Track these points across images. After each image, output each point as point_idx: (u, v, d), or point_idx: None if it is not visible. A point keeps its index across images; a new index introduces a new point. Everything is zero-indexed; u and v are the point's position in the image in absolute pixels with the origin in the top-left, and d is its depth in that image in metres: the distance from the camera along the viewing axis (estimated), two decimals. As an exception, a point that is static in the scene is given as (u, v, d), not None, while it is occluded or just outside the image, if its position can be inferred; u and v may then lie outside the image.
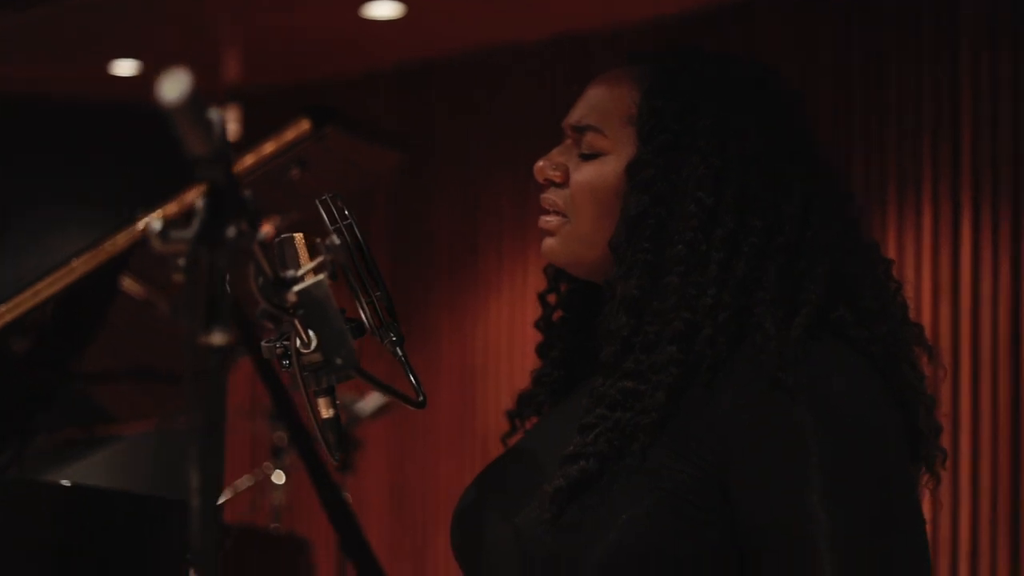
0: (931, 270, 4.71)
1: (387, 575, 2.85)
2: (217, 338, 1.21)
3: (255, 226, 1.32)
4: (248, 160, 2.74)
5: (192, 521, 1.21)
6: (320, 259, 1.54)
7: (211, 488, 1.21)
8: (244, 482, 4.31)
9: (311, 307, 1.53)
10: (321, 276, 1.53)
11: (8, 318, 2.71)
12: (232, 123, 7.06)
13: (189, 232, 1.22)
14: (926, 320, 4.71)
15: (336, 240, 1.57)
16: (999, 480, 4.54)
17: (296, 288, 1.52)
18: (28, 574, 2.20)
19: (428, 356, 6.08)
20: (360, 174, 3.45)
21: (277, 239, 1.63)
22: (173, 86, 1.14)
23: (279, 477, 4.69)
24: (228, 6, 5.64)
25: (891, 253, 4.79)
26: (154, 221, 1.25)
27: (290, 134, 2.73)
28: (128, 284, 2.96)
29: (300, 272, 1.54)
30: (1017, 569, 4.53)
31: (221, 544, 3.83)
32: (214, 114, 1.20)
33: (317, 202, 1.75)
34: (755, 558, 1.53)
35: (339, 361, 1.53)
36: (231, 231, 1.23)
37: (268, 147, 2.73)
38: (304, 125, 2.71)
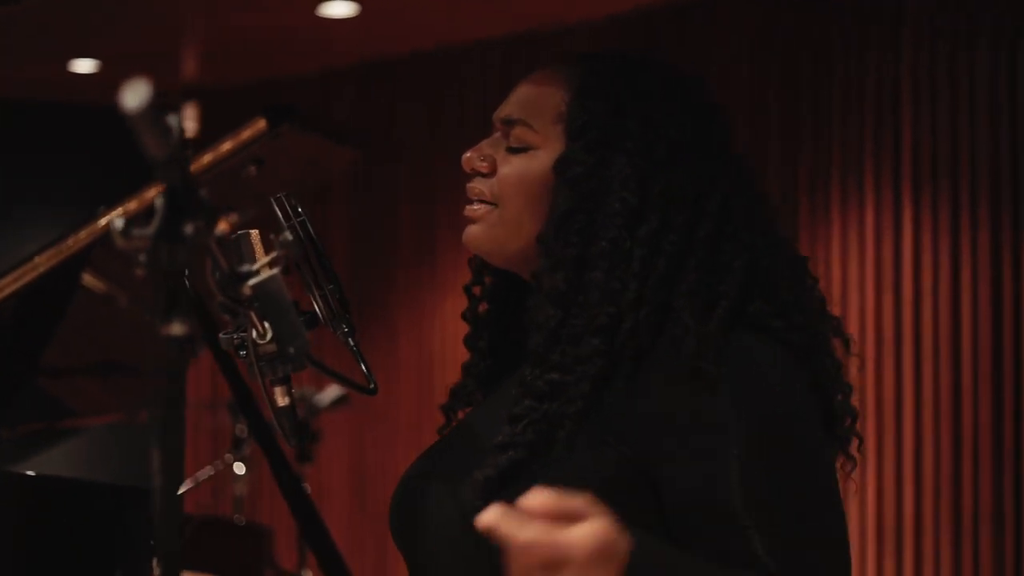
0: (874, 263, 4.84)
1: (346, 563, 2.90)
2: (177, 329, 1.28)
3: (211, 223, 1.40)
4: (206, 158, 2.76)
5: (155, 509, 1.28)
6: (274, 254, 1.63)
7: (173, 476, 1.28)
8: (205, 472, 4.37)
9: (265, 300, 1.60)
10: (275, 270, 1.62)
11: None
12: (190, 120, 7.10)
13: (149, 230, 1.29)
14: (869, 311, 4.84)
15: (289, 236, 1.65)
16: (941, 462, 4.68)
17: (251, 282, 1.60)
18: None
19: (388, 348, 6.16)
20: (317, 170, 3.49)
21: (234, 235, 1.71)
22: (134, 95, 1.20)
23: (240, 468, 4.74)
24: (187, 5, 5.71)
25: (835, 248, 4.93)
26: (116, 219, 1.31)
27: (247, 133, 2.75)
28: (89, 280, 2.98)
29: (255, 267, 1.62)
30: (959, 545, 4.66)
31: (181, 533, 3.90)
32: (172, 120, 1.26)
33: (272, 200, 1.82)
34: (683, 536, 1.59)
35: (292, 351, 1.60)
36: (189, 228, 1.30)
37: (226, 145, 2.75)
38: (260, 124, 2.73)
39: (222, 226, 1.49)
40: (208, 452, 6.17)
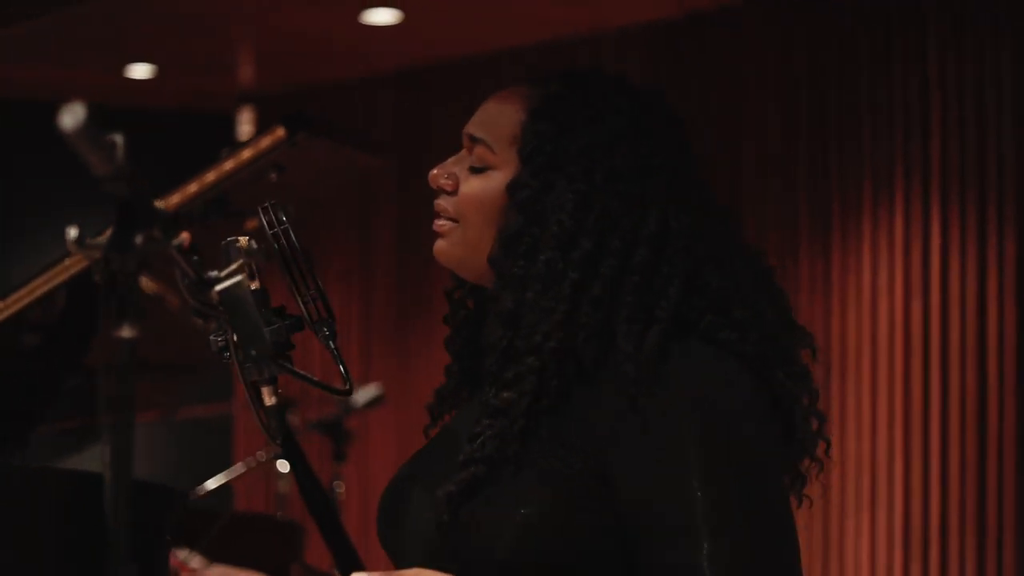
0: (903, 270, 4.88)
1: (360, 559, 2.94)
2: (126, 332, 1.34)
3: (169, 233, 1.48)
4: (228, 165, 2.81)
5: (107, 495, 1.36)
6: (239, 262, 1.72)
7: (124, 469, 1.35)
8: (237, 469, 4.48)
9: (230, 304, 1.69)
10: (239, 277, 1.70)
11: (15, 309, 2.80)
12: (246, 124, 7.23)
13: (102, 239, 1.37)
14: (898, 317, 4.88)
15: (255, 245, 1.75)
16: (967, 467, 4.71)
17: (217, 288, 1.69)
18: (34, 558, 2.24)
19: (431, 352, 6.25)
20: (337, 176, 3.55)
21: (224, 242, 1.77)
22: (69, 117, 1.27)
23: (283, 466, 4.81)
24: (237, 12, 5.82)
25: (866, 255, 4.97)
26: (71, 229, 1.40)
27: (266, 141, 2.79)
28: (150, 286, 3.01)
29: (222, 274, 1.71)
30: (984, 550, 4.68)
31: (210, 529, 3.99)
32: (117, 137, 1.34)
33: (259, 209, 1.86)
34: (633, 545, 1.64)
35: (254, 352, 1.70)
36: (140, 239, 1.37)
37: (246, 153, 2.80)
38: (279, 132, 2.77)
39: (183, 235, 1.59)
40: (253, 451, 6.29)
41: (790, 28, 5.23)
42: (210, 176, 2.76)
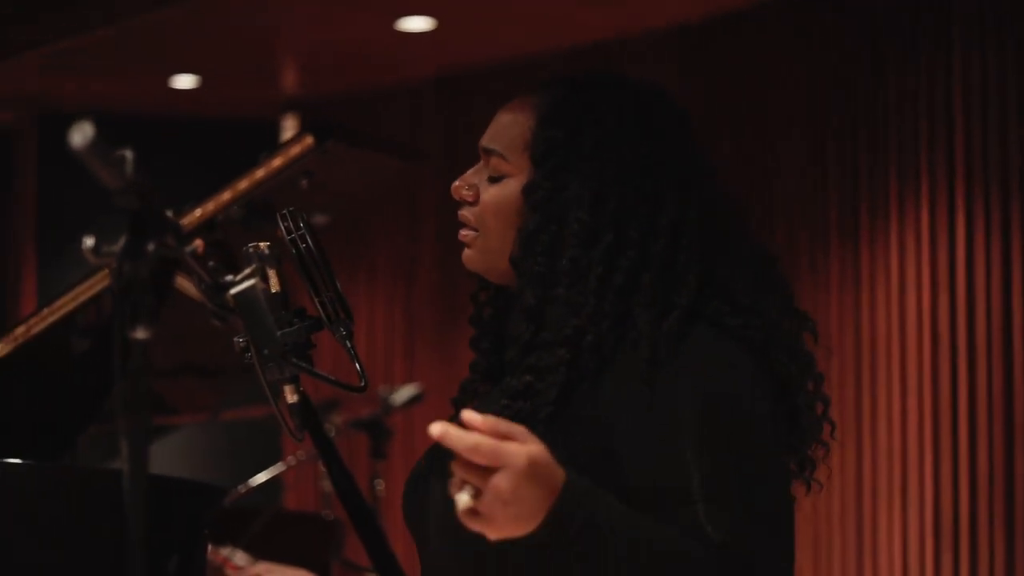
0: (929, 264, 4.93)
1: (393, 553, 3.00)
2: (140, 334, 1.42)
3: (182, 241, 1.58)
4: (259, 173, 2.86)
5: (125, 487, 1.44)
6: (252, 267, 1.82)
7: (140, 466, 1.44)
8: (278, 467, 4.59)
9: (244, 307, 1.80)
10: (252, 280, 1.80)
11: (61, 314, 2.84)
12: (290, 131, 7.34)
13: (116, 248, 1.45)
14: (926, 310, 4.93)
15: (265, 249, 1.85)
16: (995, 459, 4.75)
17: (231, 292, 1.80)
18: (87, 555, 2.19)
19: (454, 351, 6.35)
20: (366, 181, 3.63)
21: (246, 248, 1.84)
22: (78, 135, 1.34)
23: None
24: (279, 24, 5.94)
25: (894, 249, 5.02)
26: (87, 238, 1.48)
27: (295, 149, 2.85)
28: (181, 283, 3.15)
29: (237, 277, 1.81)
30: (1012, 540, 4.73)
31: (253, 526, 4.09)
32: (126, 152, 1.42)
33: (277, 216, 1.94)
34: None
35: (266, 352, 1.80)
36: (151, 246, 1.46)
37: (276, 161, 2.86)
38: (308, 140, 2.83)
39: (197, 243, 1.69)
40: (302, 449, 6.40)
41: (817, 27, 5.30)
42: (243, 184, 2.83)
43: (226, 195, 2.84)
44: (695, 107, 5.82)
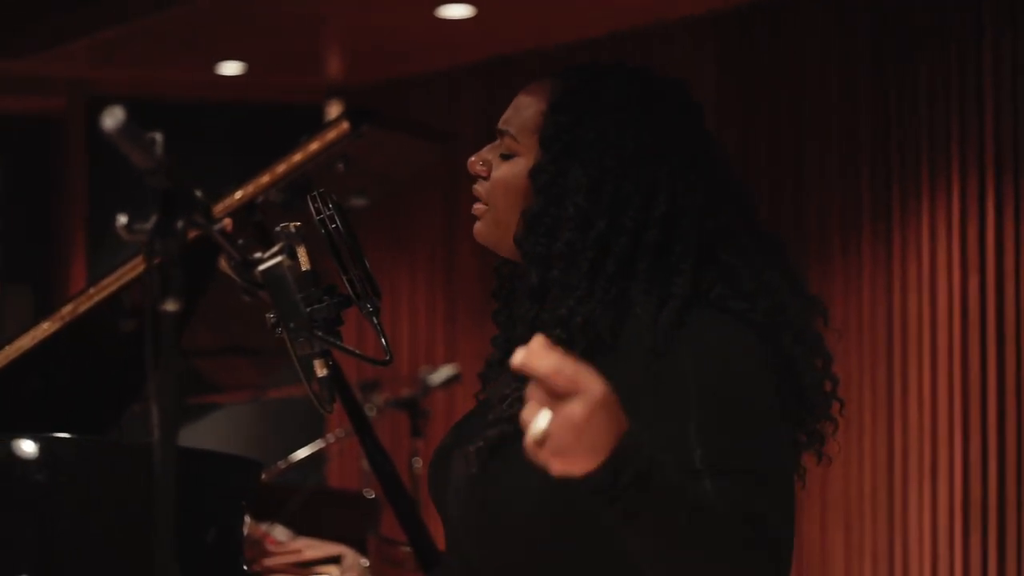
0: (960, 246, 4.96)
1: (430, 533, 3.04)
2: (170, 306, 1.49)
3: (211, 219, 1.66)
4: (296, 157, 2.92)
5: (155, 456, 1.49)
6: (280, 245, 1.90)
7: (170, 431, 1.49)
8: (315, 445, 4.68)
9: (271, 283, 1.87)
10: (280, 258, 1.88)
11: (107, 293, 2.87)
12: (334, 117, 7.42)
13: (147, 225, 1.52)
14: (956, 292, 4.96)
15: (292, 228, 1.93)
16: (1023, 438, 4.79)
17: (260, 268, 1.88)
18: (131, 527, 2.27)
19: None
20: (400, 165, 3.69)
21: (277, 228, 1.93)
22: (110, 119, 1.42)
23: None
24: (323, 12, 5.98)
25: (925, 232, 5.06)
26: (120, 216, 1.54)
27: (332, 134, 2.91)
28: (224, 264, 3.17)
29: (265, 255, 1.90)
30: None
31: (293, 503, 4.16)
32: (156, 135, 1.49)
33: (308, 197, 2.03)
34: None
35: (292, 325, 1.87)
36: (180, 224, 1.52)
37: (313, 145, 2.91)
38: (344, 125, 2.89)
39: (225, 221, 1.77)
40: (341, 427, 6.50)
41: (849, 14, 5.34)
42: (281, 167, 2.89)
43: (265, 178, 2.90)
44: (731, 93, 5.89)
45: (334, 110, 7.40)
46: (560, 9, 5.80)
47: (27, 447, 2.30)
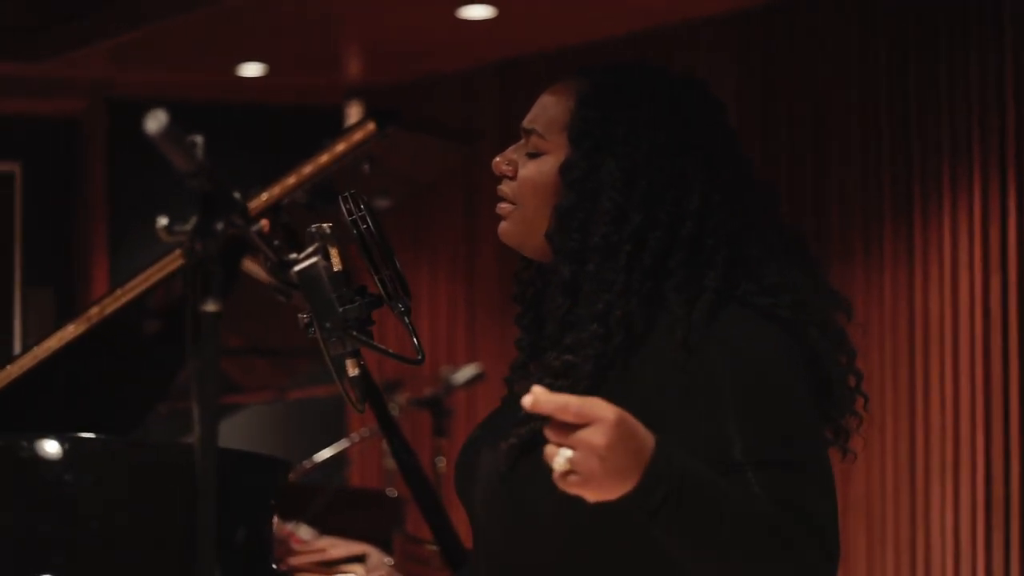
0: (981, 245, 4.97)
1: (455, 529, 3.07)
2: (211, 307, 1.50)
3: (249, 220, 1.68)
4: (323, 158, 2.93)
5: (196, 452, 1.52)
6: (314, 246, 1.92)
7: (210, 435, 1.51)
8: (342, 444, 4.71)
9: (306, 283, 1.89)
10: (315, 259, 1.90)
11: (132, 295, 2.89)
12: (355, 117, 7.46)
13: (187, 227, 1.53)
14: (978, 291, 4.98)
15: (326, 229, 1.94)
16: (1046, 437, 4.80)
17: (295, 268, 1.90)
18: (158, 526, 2.26)
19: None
20: (425, 166, 3.70)
21: (309, 229, 1.93)
22: (154, 122, 1.42)
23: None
24: (343, 13, 6.01)
25: (947, 231, 5.07)
26: (161, 217, 1.56)
27: (358, 135, 2.93)
28: (249, 265, 3.02)
29: (300, 255, 1.91)
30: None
31: (318, 502, 4.19)
32: (197, 138, 1.51)
33: (339, 198, 2.03)
34: None
35: (328, 325, 1.89)
36: (220, 225, 1.54)
37: (339, 146, 2.93)
38: (370, 126, 2.91)
39: (263, 222, 1.79)
40: (358, 428, 6.52)
41: (870, 12, 5.35)
42: (307, 168, 2.90)
43: (291, 179, 2.91)
44: (752, 91, 5.88)
45: (354, 111, 7.43)
46: (579, 10, 5.81)
47: (52, 447, 2.30)
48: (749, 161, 1.99)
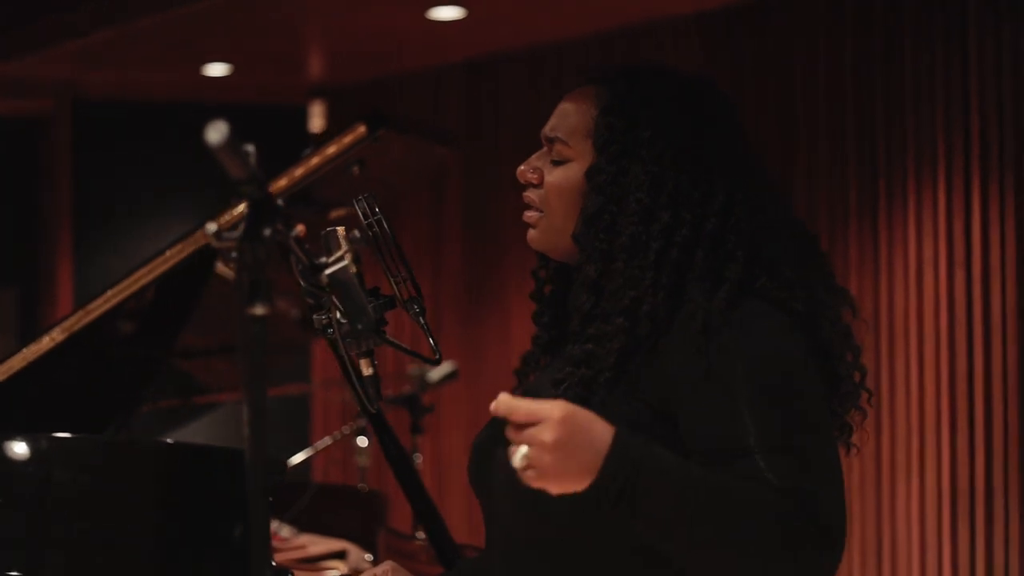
0: (946, 241, 5.04)
1: (444, 521, 3.10)
2: (259, 310, 1.54)
3: (289, 226, 1.72)
4: (314, 161, 2.94)
5: (247, 461, 1.54)
6: (345, 249, 1.97)
7: (259, 436, 1.54)
8: (323, 443, 4.72)
9: (337, 286, 1.94)
10: (345, 262, 1.95)
11: (112, 303, 2.92)
12: (318, 117, 7.48)
13: (236, 233, 1.58)
14: (943, 287, 5.04)
15: (356, 233, 1.99)
16: (1009, 431, 4.87)
17: (326, 272, 1.94)
18: (138, 521, 2.28)
19: (498, 330, 6.49)
20: (414, 168, 3.73)
21: (323, 232, 1.98)
22: (215, 133, 1.49)
23: (363, 441, 4.98)
24: (309, 13, 6.03)
25: (911, 227, 5.12)
26: (209, 224, 1.62)
27: (348, 137, 2.93)
28: (221, 268, 3.10)
29: (330, 259, 1.96)
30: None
31: (297, 500, 4.19)
32: (250, 148, 1.57)
33: (354, 201, 2.11)
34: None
35: (359, 327, 1.95)
36: (268, 231, 1.58)
37: (330, 149, 2.94)
38: (360, 129, 2.92)
39: (299, 228, 1.84)
40: (336, 425, 6.53)
41: (834, 10, 5.41)
42: (298, 171, 2.91)
43: (283, 181, 2.91)
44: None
45: (317, 110, 7.44)
46: (547, 10, 5.84)
47: (20, 447, 2.31)
48: (761, 159, 2.06)
